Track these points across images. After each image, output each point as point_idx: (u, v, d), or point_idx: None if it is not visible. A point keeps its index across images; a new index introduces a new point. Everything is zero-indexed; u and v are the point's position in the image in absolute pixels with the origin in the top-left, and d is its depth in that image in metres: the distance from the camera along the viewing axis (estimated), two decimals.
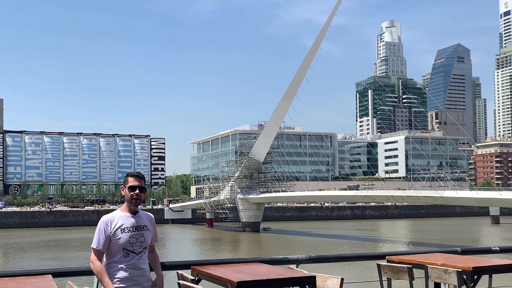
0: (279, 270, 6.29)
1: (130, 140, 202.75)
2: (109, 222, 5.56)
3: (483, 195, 70.23)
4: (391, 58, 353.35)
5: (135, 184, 5.71)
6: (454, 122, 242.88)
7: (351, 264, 35.32)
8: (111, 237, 5.52)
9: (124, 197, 5.79)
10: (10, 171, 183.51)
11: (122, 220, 5.60)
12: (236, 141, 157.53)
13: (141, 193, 5.72)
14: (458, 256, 7.77)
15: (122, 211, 5.72)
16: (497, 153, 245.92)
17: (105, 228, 5.52)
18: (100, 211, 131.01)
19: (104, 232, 5.51)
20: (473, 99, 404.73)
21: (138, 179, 5.76)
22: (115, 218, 5.61)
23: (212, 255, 65.79)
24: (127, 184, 5.72)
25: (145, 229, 5.70)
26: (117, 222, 5.57)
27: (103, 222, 5.56)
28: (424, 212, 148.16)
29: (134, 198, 5.67)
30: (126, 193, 5.71)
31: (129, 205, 5.71)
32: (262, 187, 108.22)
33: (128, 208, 5.71)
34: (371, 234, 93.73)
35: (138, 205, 5.77)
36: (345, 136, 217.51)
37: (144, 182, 5.85)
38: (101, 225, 5.55)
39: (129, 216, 5.65)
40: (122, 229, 5.55)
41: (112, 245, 5.53)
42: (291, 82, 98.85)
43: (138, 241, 5.61)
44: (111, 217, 5.62)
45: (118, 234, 5.53)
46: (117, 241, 5.52)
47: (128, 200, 5.70)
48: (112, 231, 5.52)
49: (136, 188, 5.69)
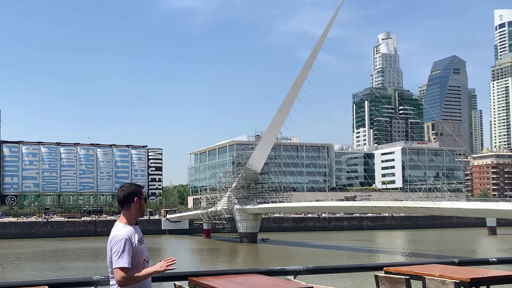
0: (276, 281, 6.27)
1: (128, 150, 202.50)
2: (131, 237, 5.47)
3: (480, 206, 70.20)
4: (387, 69, 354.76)
5: (145, 196, 5.80)
6: (451, 133, 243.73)
7: (349, 275, 35.20)
8: (134, 252, 5.45)
9: (133, 208, 5.64)
10: (7, 181, 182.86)
11: (136, 233, 5.57)
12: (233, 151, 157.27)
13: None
14: (455, 267, 7.77)
15: (130, 224, 5.60)
16: (493, 164, 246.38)
17: (130, 244, 5.42)
18: (97, 221, 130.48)
19: (131, 249, 5.41)
20: (469, 111, 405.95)
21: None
22: (131, 232, 5.53)
23: (209, 266, 65.50)
24: (142, 196, 5.66)
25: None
26: (135, 236, 5.53)
27: (127, 239, 5.41)
28: (421, 223, 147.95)
29: (144, 210, 5.76)
30: (141, 205, 5.64)
31: (137, 217, 5.68)
32: (259, 197, 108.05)
33: (134, 220, 5.68)
34: (368, 245, 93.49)
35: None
36: (342, 147, 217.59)
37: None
38: (126, 243, 5.39)
39: (136, 228, 5.65)
40: (140, 241, 5.57)
41: (135, 259, 5.46)
42: (288, 93, 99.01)
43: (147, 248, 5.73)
44: (131, 232, 5.51)
45: (139, 247, 5.51)
46: (141, 254, 5.51)
47: (141, 212, 5.66)
48: (136, 245, 5.48)
49: (146, 200, 5.79)
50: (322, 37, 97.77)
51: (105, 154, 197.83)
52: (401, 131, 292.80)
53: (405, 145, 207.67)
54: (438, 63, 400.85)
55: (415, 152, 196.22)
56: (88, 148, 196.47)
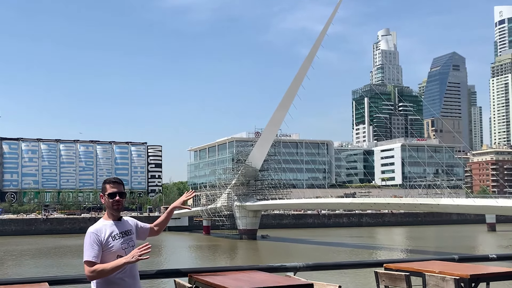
0: (276, 278, 6.27)
1: (127, 147, 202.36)
2: (98, 232, 5.41)
3: (480, 203, 70.20)
4: (387, 66, 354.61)
5: (113, 190, 5.61)
6: (450, 130, 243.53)
7: (349, 272, 35.24)
8: (104, 247, 5.36)
9: (105, 205, 5.66)
10: (7, 178, 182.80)
11: (110, 228, 5.48)
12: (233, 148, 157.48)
13: (121, 199, 5.62)
14: (455, 264, 7.77)
15: (106, 219, 5.59)
16: (492, 160, 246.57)
17: (96, 238, 5.35)
18: (97, 218, 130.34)
19: (96, 243, 5.33)
20: (469, 107, 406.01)
21: (117, 185, 5.67)
22: (103, 227, 5.48)
23: (209, 262, 65.53)
24: (106, 192, 5.61)
25: (131, 232, 5.64)
26: (106, 231, 5.44)
27: (93, 233, 5.38)
28: (420, 220, 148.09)
29: (116, 205, 5.58)
30: (106, 200, 5.60)
31: (112, 213, 5.60)
32: (259, 194, 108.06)
33: (112, 216, 5.60)
34: (368, 242, 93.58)
35: (120, 211, 5.65)
36: (341, 144, 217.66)
37: (123, 187, 5.74)
38: (91, 236, 5.36)
39: (113, 224, 5.54)
40: (113, 236, 5.43)
41: (105, 255, 5.36)
42: (287, 90, 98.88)
43: (129, 245, 5.52)
44: (99, 227, 5.47)
45: (110, 242, 5.40)
46: (110, 249, 5.38)
47: (110, 207, 5.58)
48: (104, 240, 5.38)
49: (116, 194, 5.59)
50: (321, 33, 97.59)
51: (105, 151, 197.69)
52: (400, 128, 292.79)
53: (405, 142, 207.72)
54: (438, 59, 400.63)
55: (415, 149, 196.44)
56: (88, 145, 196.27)
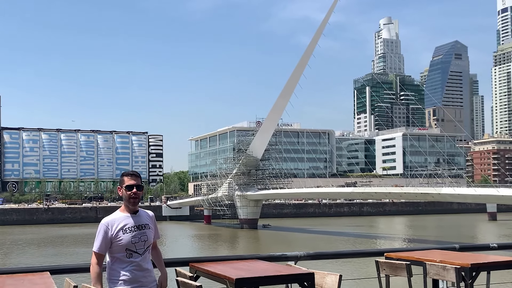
0: (277, 267, 6.28)
1: (128, 137, 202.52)
2: (110, 224, 5.48)
3: (480, 192, 70.28)
4: (388, 55, 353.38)
5: (131, 183, 5.61)
6: (452, 119, 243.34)
7: (350, 261, 35.30)
8: (113, 239, 5.43)
9: (122, 197, 5.70)
10: (8, 168, 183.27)
11: (123, 221, 5.53)
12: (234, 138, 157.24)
13: (139, 192, 5.63)
14: (456, 253, 7.77)
15: (122, 211, 5.63)
16: (494, 150, 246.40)
17: (106, 231, 5.44)
18: (98, 208, 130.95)
19: (105, 235, 5.43)
20: (471, 96, 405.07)
21: (134, 178, 5.67)
22: (116, 219, 5.54)
23: (210, 252, 65.80)
24: (123, 184, 5.62)
25: (146, 227, 5.63)
26: (119, 224, 5.50)
27: (104, 224, 5.47)
28: (421, 209, 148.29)
29: (132, 197, 5.59)
30: (123, 193, 5.63)
31: (128, 205, 5.63)
32: (260, 184, 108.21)
33: (128, 208, 5.63)
34: (368, 231, 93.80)
35: (137, 204, 5.67)
36: (342, 133, 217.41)
37: (140, 180, 5.74)
38: (102, 228, 5.45)
39: (129, 216, 5.58)
40: (124, 229, 5.48)
41: (114, 247, 5.44)
42: (288, 79, 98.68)
43: (141, 240, 5.53)
44: (111, 219, 5.54)
45: (120, 235, 5.45)
46: (119, 242, 5.43)
47: (127, 199, 5.61)
48: (114, 233, 5.44)
49: (133, 187, 5.60)
50: (323, 22, 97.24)
51: (106, 140, 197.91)
52: (402, 117, 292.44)
53: (406, 131, 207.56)
54: (440, 48, 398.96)
55: (416, 138, 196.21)
56: (89, 135, 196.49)
